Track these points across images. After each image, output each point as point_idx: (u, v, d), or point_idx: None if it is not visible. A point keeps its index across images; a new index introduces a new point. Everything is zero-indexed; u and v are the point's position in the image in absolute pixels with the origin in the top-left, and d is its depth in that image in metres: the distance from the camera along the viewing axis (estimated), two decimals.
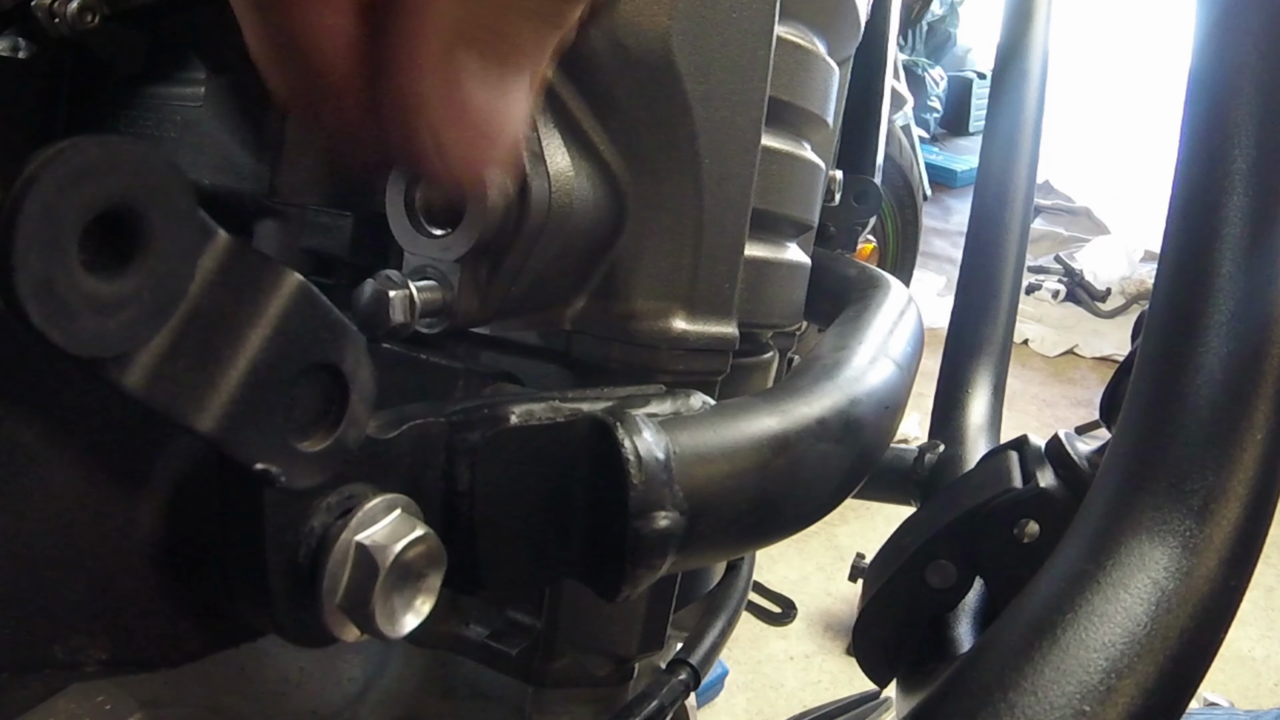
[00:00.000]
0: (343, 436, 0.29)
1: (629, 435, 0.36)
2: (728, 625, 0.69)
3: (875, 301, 0.64)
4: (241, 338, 0.26)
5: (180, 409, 0.25)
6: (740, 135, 0.52)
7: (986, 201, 0.96)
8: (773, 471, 0.41)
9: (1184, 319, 0.43)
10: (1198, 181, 0.45)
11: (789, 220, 0.62)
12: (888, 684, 0.63)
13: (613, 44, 0.47)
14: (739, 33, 0.50)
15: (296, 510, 0.30)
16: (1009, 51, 1.02)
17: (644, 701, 0.58)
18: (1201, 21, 0.47)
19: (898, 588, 0.60)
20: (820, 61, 0.61)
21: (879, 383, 0.51)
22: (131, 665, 0.31)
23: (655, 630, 0.59)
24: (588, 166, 0.48)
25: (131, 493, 0.30)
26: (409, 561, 0.32)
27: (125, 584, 0.30)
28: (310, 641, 0.32)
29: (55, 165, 0.20)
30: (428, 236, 0.44)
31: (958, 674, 0.41)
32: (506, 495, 0.37)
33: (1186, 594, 0.39)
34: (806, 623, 2.44)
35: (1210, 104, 0.46)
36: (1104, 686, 0.37)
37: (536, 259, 0.46)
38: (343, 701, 0.63)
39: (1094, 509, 0.44)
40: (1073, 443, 0.59)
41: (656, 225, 0.51)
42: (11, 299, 0.20)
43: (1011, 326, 0.92)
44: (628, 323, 0.51)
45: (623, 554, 0.36)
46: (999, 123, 0.99)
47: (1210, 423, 0.41)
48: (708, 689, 2.06)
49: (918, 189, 3.10)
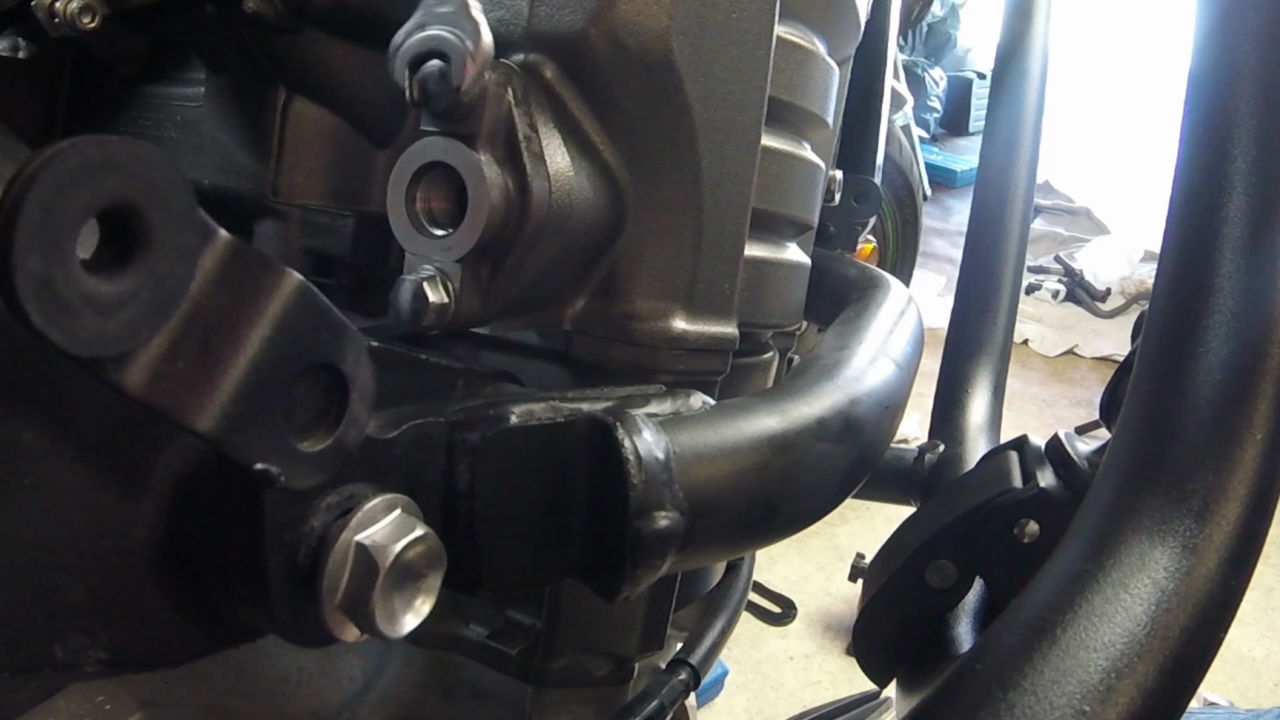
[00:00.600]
0: (342, 436, 0.29)
1: (629, 435, 0.36)
2: (728, 625, 0.69)
3: (875, 301, 0.64)
4: (241, 338, 0.26)
5: (180, 409, 0.25)
6: (740, 135, 0.52)
7: (986, 201, 0.96)
8: (773, 471, 0.41)
9: (1184, 319, 0.43)
10: (1198, 181, 0.45)
11: (789, 220, 0.62)
12: (888, 684, 0.63)
13: (613, 44, 0.47)
14: (739, 33, 0.50)
15: (296, 510, 0.30)
16: (1009, 51, 1.02)
17: (644, 701, 0.58)
18: (1201, 21, 0.47)
19: (898, 588, 0.60)
20: (820, 61, 0.61)
21: (879, 383, 0.51)
22: (131, 665, 0.31)
23: (655, 630, 0.59)
24: (588, 166, 0.48)
25: (131, 493, 0.30)
26: (409, 561, 0.32)
27: (125, 584, 0.30)
28: (310, 641, 0.32)
29: (55, 165, 0.20)
30: (429, 236, 0.44)
31: (958, 674, 0.41)
32: (506, 495, 0.37)
33: (1186, 594, 0.39)
34: (806, 623, 2.44)
35: (1210, 104, 0.46)
36: (1104, 686, 0.37)
37: (537, 259, 0.46)
38: (343, 701, 0.63)
39: (1094, 509, 0.44)
40: (1073, 443, 0.59)
41: (656, 225, 0.51)
42: (11, 299, 0.20)
43: (1011, 326, 0.92)
44: (628, 323, 0.51)
45: (623, 554, 0.36)
46: (999, 123, 0.99)
47: (1210, 423, 0.41)
48: (708, 689, 2.06)
49: (918, 189, 3.10)
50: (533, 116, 0.46)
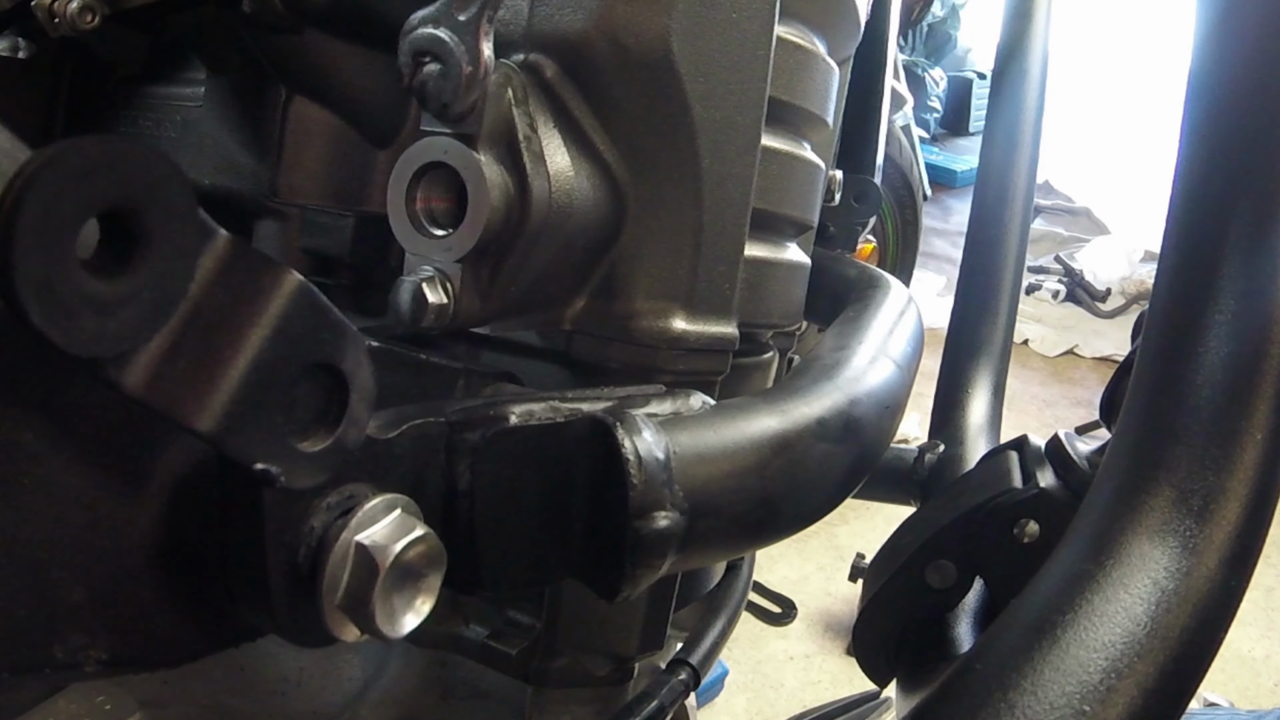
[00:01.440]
0: (343, 436, 0.29)
1: (629, 435, 0.36)
2: (728, 625, 0.69)
3: (875, 302, 0.64)
4: (242, 338, 0.26)
5: (180, 409, 0.25)
6: (740, 135, 0.52)
7: (986, 201, 0.96)
8: (773, 471, 0.41)
9: (1184, 319, 0.43)
10: (1198, 181, 0.45)
11: (789, 220, 0.62)
12: (888, 684, 0.63)
13: (613, 44, 0.47)
14: (739, 33, 0.50)
15: (296, 510, 0.30)
16: (1009, 51, 1.02)
17: (644, 701, 0.58)
18: (1201, 21, 0.47)
19: (898, 588, 0.60)
20: (820, 61, 0.61)
21: (879, 383, 0.51)
22: (131, 665, 0.31)
23: (655, 630, 0.59)
24: (588, 166, 0.48)
25: (131, 493, 0.30)
26: (409, 561, 0.32)
27: (125, 584, 0.30)
28: (310, 641, 0.32)
29: (55, 165, 0.20)
30: (429, 237, 0.44)
31: (958, 674, 0.41)
32: (506, 495, 0.37)
33: (1186, 594, 0.39)
34: (806, 623, 2.44)
35: (1210, 103, 0.46)
36: (1104, 686, 0.37)
37: (537, 259, 0.46)
38: (343, 701, 0.63)
39: (1094, 509, 0.44)
40: (1073, 443, 0.59)
41: (656, 225, 0.51)
42: (11, 299, 0.20)
43: (1011, 326, 0.92)
44: (628, 323, 0.51)
45: (622, 554, 0.36)
46: (999, 123, 0.99)
47: (1210, 423, 0.41)
48: (708, 689, 2.05)
49: (918, 189, 3.10)
50: (533, 116, 0.46)
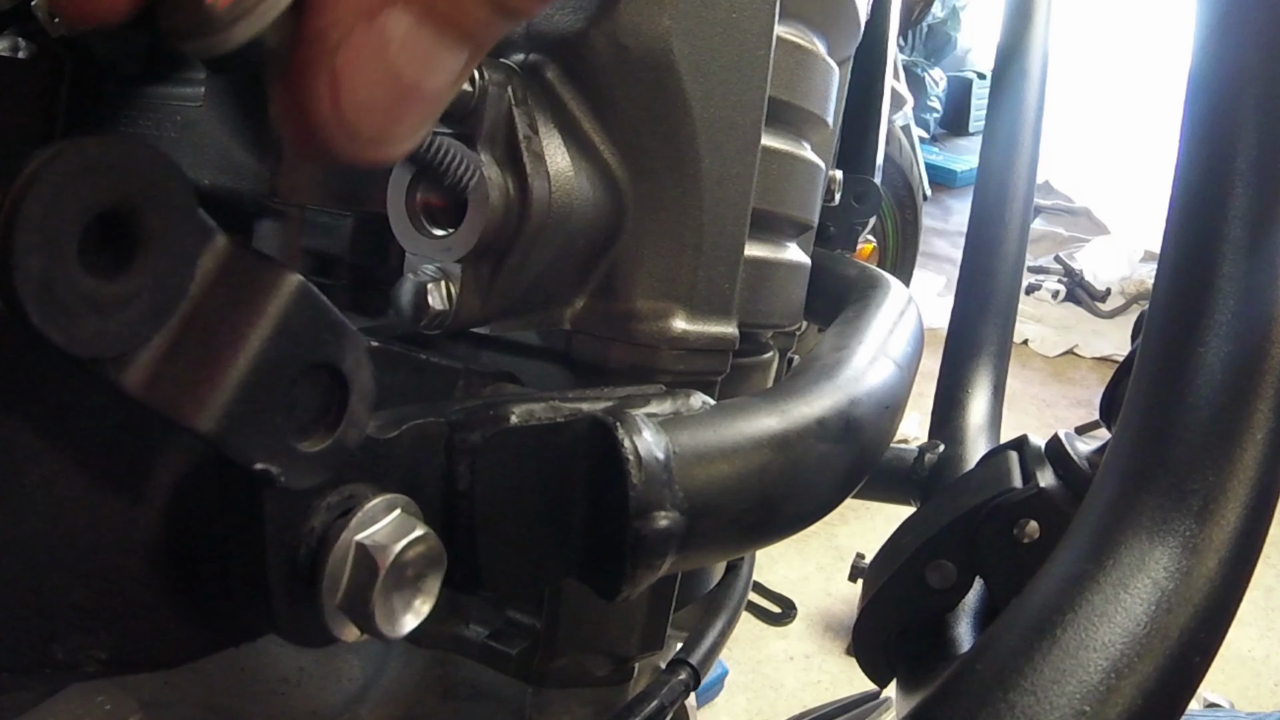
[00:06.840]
0: (343, 436, 0.29)
1: (629, 435, 0.36)
2: (728, 625, 0.69)
3: (875, 301, 0.64)
4: (241, 338, 0.26)
5: (180, 409, 0.25)
6: (740, 135, 0.52)
7: (986, 201, 0.96)
8: (773, 471, 0.41)
9: (1184, 319, 0.43)
10: (1198, 181, 0.45)
11: (789, 220, 0.62)
12: (888, 684, 0.63)
13: (613, 44, 0.47)
14: (739, 33, 0.50)
15: (296, 510, 0.30)
16: (1009, 51, 1.02)
17: (644, 701, 0.58)
18: (1201, 22, 0.47)
19: (898, 588, 0.60)
20: (820, 61, 0.61)
21: (879, 383, 0.51)
22: (131, 665, 0.31)
23: (655, 630, 0.59)
24: (588, 166, 0.48)
25: (131, 493, 0.30)
26: (409, 561, 0.32)
27: (125, 584, 0.30)
28: (310, 641, 0.32)
29: (55, 165, 0.20)
30: (429, 237, 0.44)
31: (958, 674, 0.41)
32: (506, 495, 0.37)
33: (1186, 594, 0.39)
34: (806, 623, 2.44)
35: (1210, 104, 0.46)
36: (1104, 686, 0.37)
37: (537, 259, 0.46)
38: (343, 701, 0.63)
39: (1094, 509, 0.44)
40: (1073, 443, 0.59)
41: (656, 225, 0.51)
42: (11, 299, 0.20)
43: (1011, 326, 0.92)
44: (628, 323, 0.51)
45: (623, 554, 0.36)
46: (999, 123, 0.99)
47: (1210, 423, 0.41)
48: (708, 689, 2.06)
49: (918, 189, 3.10)
50: (533, 117, 0.46)
